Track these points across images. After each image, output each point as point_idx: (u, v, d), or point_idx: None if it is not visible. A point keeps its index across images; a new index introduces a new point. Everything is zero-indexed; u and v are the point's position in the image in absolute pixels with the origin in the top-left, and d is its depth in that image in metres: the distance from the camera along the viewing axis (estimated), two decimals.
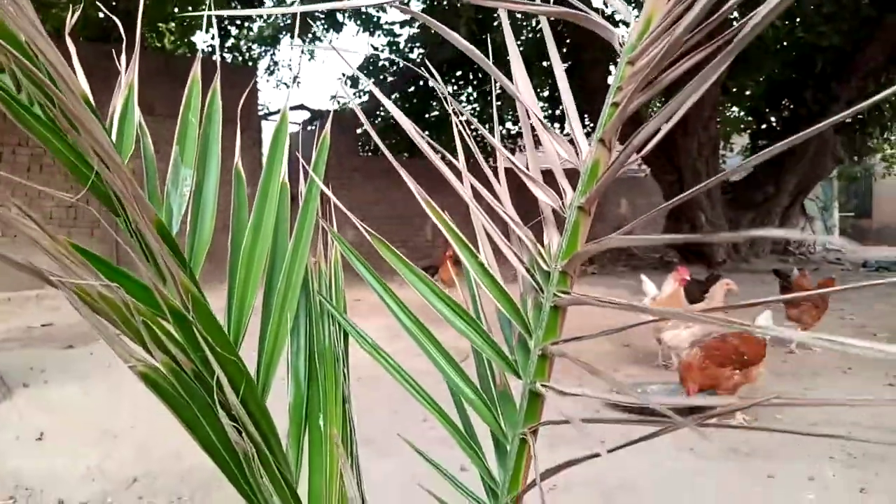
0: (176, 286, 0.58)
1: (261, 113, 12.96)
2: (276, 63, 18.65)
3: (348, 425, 0.84)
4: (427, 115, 15.32)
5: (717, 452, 3.00)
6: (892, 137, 16.43)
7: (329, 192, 0.83)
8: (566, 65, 12.99)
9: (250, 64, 16.45)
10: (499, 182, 0.80)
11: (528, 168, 0.75)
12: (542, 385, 0.72)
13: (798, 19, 11.49)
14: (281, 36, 15.60)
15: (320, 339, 0.86)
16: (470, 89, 15.71)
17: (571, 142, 0.74)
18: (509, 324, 0.78)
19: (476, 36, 9.65)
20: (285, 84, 18.55)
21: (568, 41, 11.52)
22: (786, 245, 13.87)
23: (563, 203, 0.73)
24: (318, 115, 14.67)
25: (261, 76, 18.50)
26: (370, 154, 14.25)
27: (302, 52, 18.39)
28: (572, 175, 0.74)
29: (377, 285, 0.85)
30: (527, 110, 0.75)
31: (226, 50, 17.78)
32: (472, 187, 0.79)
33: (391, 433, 3.50)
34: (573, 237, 0.70)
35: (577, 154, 0.74)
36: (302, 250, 0.84)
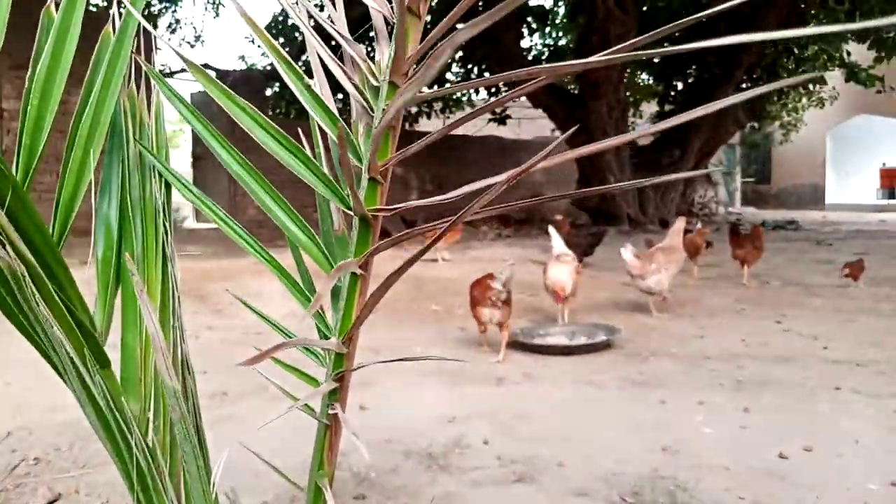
0: None
1: (161, 71, 12.24)
2: (178, 21, 17.73)
3: (169, 282, 0.76)
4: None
5: (612, 383, 3.07)
6: (790, 104, 17.30)
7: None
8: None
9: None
10: (334, 5, 0.72)
11: None
12: (371, 210, 0.65)
13: None
14: None
15: (136, 189, 0.77)
16: None
17: None
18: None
19: None
20: (189, 43, 17.74)
21: (480, 4, 11.45)
22: (690, 206, 14.44)
23: (392, 9, 0.66)
24: (224, 75, 14.01)
25: (161, 34, 17.55)
26: (281, 115, 13.79)
27: (206, 9, 17.53)
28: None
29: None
30: None
31: (120, 5, 16.75)
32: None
33: (287, 380, 3.42)
34: (401, 44, 0.63)
35: None
36: (114, 84, 0.74)
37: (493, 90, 14.92)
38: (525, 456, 2.25)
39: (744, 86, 13.60)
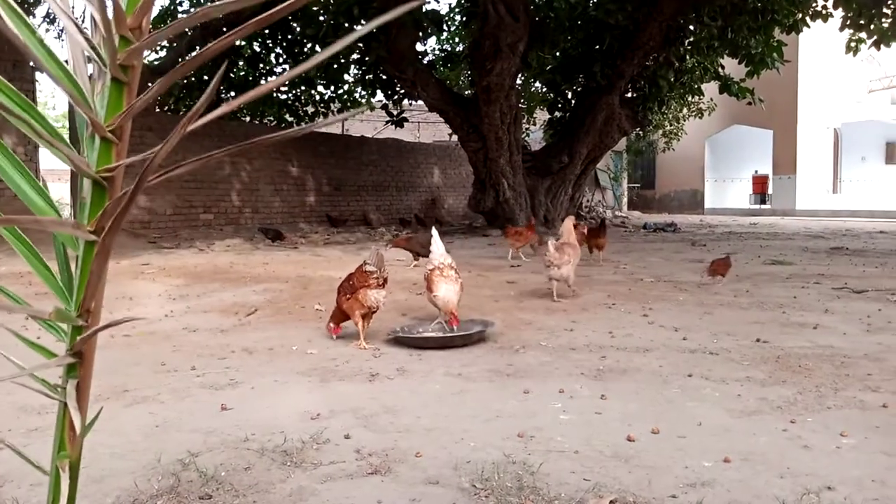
0: None
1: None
2: None
3: None
4: (232, 75, 14.51)
5: (482, 375, 3.12)
6: (671, 114, 18.31)
7: None
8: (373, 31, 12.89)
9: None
10: None
11: None
12: (101, 172, 0.62)
13: None
14: None
15: None
16: (279, 49, 15.10)
17: None
18: (85, 122, 0.68)
19: None
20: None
21: (374, 5, 11.42)
22: (578, 210, 14.99)
23: None
24: None
25: (38, 24, 16.45)
26: (169, 112, 13.20)
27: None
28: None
29: None
30: None
31: None
32: None
33: (151, 383, 3.25)
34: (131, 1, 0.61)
35: None
36: None
37: (389, 92, 14.92)
38: (383, 448, 2.24)
39: (628, 95, 14.27)
